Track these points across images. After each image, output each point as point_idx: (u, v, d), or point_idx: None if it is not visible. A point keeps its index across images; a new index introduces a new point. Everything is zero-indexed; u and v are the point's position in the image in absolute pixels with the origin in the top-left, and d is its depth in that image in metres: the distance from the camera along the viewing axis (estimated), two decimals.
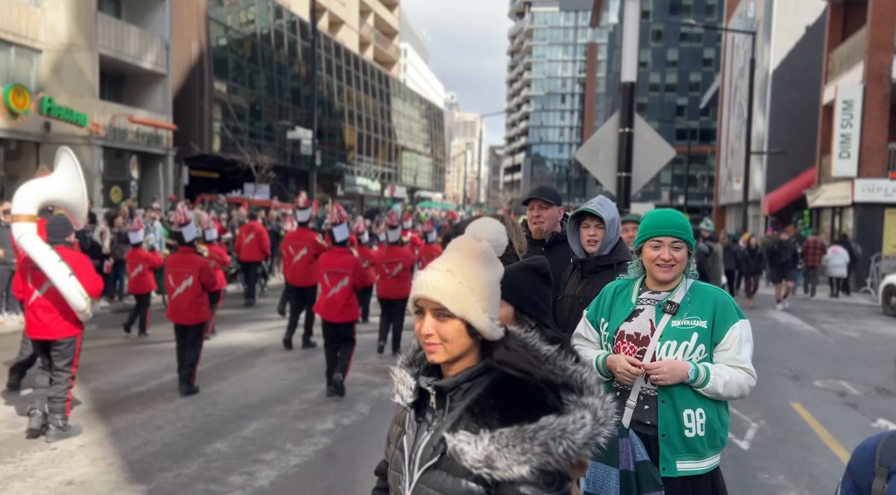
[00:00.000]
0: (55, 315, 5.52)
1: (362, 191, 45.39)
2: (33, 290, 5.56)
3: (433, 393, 1.55)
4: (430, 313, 1.50)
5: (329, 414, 6.44)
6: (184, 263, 7.06)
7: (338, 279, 7.12)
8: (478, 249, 1.56)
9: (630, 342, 2.64)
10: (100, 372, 7.74)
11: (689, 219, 30.35)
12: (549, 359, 1.54)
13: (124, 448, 5.38)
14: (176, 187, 24.74)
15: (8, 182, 19.31)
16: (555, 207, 4.06)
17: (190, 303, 6.96)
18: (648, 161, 7.90)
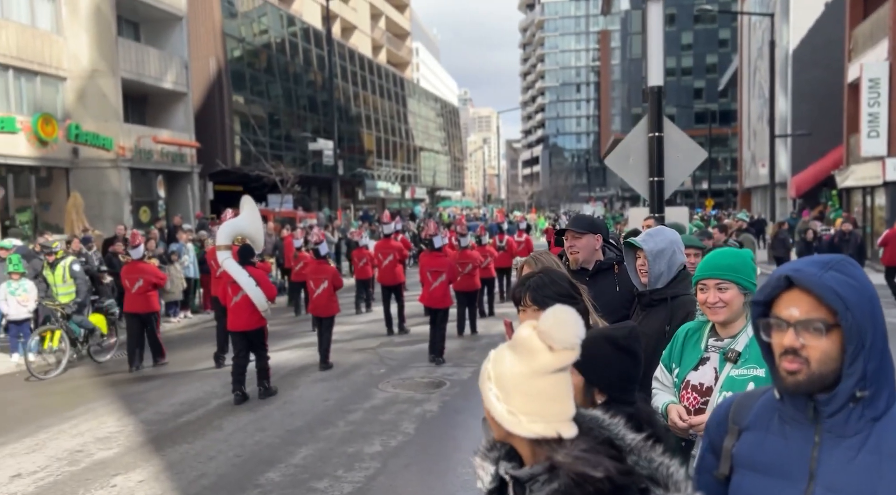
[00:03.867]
0: (248, 313, 7.86)
1: (383, 194, 45.56)
2: (232, 297, 7.93)
3: (510, 482, 1.54)
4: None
5: (375, 436, 6.50)
6: (320, 271, 9.51)
7: (437, 276, 9.69)
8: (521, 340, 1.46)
9: (694, 392, 2.60)
10: (148, 402, 7.89)
11: (714, 203, 29.91)
12: (634, 450, 1.48)
13: (181, 482, 5.49)
14: (202, 203, 25.06)
15: (41, 209, 19.72)
16: (588, 236, 4.03)
17: (326, 301, 9.36)
18: (680, 164, 7.85)
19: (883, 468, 1.40)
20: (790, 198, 31.07)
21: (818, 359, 1.43)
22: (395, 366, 9.46)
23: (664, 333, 3.21)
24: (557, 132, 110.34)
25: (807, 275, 1.44)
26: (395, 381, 8.57)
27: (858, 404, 1.42)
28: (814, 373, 1.43)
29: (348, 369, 9.32)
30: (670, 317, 3.26)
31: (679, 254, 3.39)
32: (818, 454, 1.46)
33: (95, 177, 20.13)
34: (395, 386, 8.32)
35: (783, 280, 1.48)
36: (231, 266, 8.04)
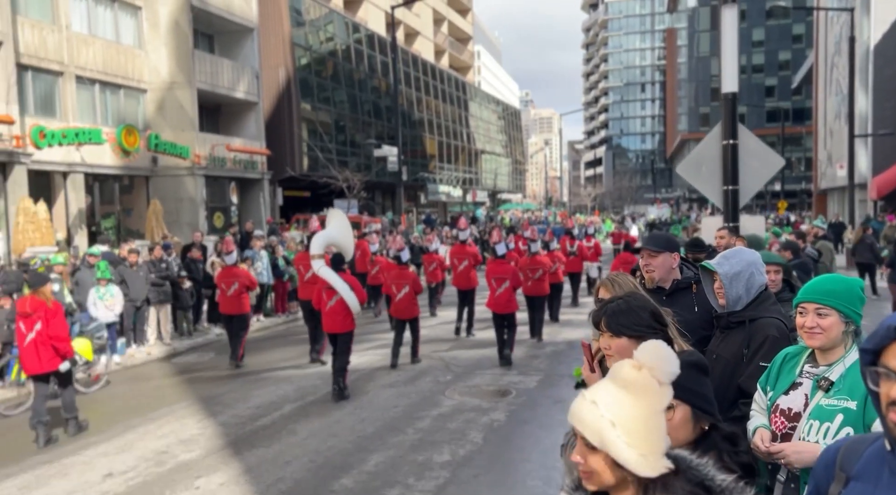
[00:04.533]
0: (342, 317, 8.46)
1: (445, 198, 45.83)
2: (327, 301, 8.52)
3: None
4: (580, 441, 1.49)
5: (444, 444, 6.58)
6: (402, 277, 10.06)
7: (501, 283, 9.98)
8: (632, 380, 1.50)
9: (782, 417, 2.56)
10: (225, 405, 8.22)
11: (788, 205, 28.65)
12: (726, 491, 1.50)
13: (259, 486, 5.71)
14: (272, 209, 25.85)
15: (123, 215, 20.77)
16: (664, 254, 3.98)
17: (408, 304, 9.97)
18: (756, 172, 7.64)
19: None
20: (870, 200, 29.60)
21: None
22: (460, 372, 9.54)
23: (741, 357, 3.15)
24: (621, 133, 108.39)
25: None
26: (462, 389, 8.65)
27: None
28: None
29: (415, 375, 9.46)
30: (748, 340, 3.20)
31: (758, 275, 3.30)
32: None
33: (173, 185, 21.06)
34: (462, 394, 8.39)
35: (893, 330, 1.44)
36: (326, 273, 8.65)
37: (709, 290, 3.45)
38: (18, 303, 7.28)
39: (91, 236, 18.35)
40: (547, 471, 5.84)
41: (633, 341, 2.37)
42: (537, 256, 11.61)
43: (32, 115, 17.02)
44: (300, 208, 28.24)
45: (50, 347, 6.86)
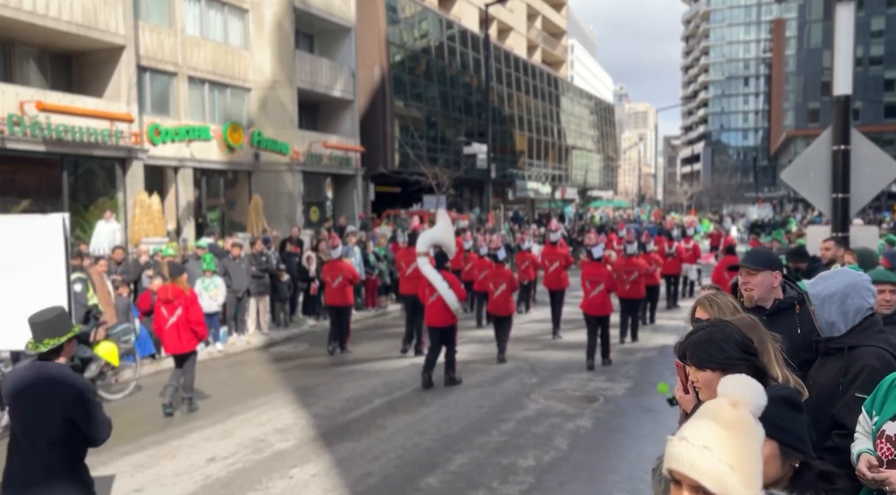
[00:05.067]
0: (442, 312, 9.03)
1: (533, 195, 45.46)
2: (429, 297, 9.17)
3: None
4: (688, 489, 1.47)
5: (529, 449, 6.60)
6: (499, 275, 10.67)
7: (595, 285, 10.05)
8: (736, 419, 1.48)
9: (888, 443, 2.47)
10: (318, 396, 8.57)
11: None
12: None
13: (349, 479, 5.93)
14: (364, 204, 26.53)
15: (227, 208, 21.91)
16: (764, 273, 3.81)
17: (504, 301, 10.49)
18: (869, 179, 7.18)
19: None
20: None
21: None
22: (546, 376, 9.50)
23: (838, 385, 2.99)
24: (721, 128, 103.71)
25: None
26: (547, 393, 8.62)
27: None
28: None
29: (500, 376, 9.50)
30: (846, 368, 3.03)
31: (860, 298, 3.09)
32: None
33: (273, 180, 22.01)
34: (548, 398, 8.36)
35: None
36: (428, 270, 9.26)
37: (812, 312, 3.30)
38: (160, 291, 8.17)
39: (198, 228, 19.48)
40: (634, 484, 5.75)
41: (718, 374, 2.32)
42: (633, 258, 11.59)
43: (149, 114, 18.24)
44: (391, 204, 28.83)
45: (189, 330, 7.80)
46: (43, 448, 3.47)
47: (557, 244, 13.49)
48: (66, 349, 3.67)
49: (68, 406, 3.48)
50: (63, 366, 3.66)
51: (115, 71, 16.83)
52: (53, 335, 3.57)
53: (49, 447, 3.47)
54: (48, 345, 3.55)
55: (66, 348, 3.65)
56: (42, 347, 3.55)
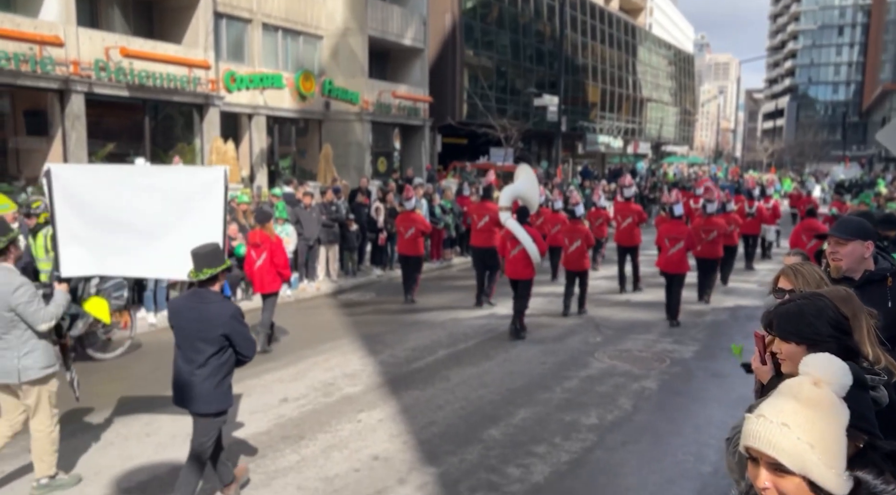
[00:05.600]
0: (523, 265, 9.23)
1: (604, 148, 44.33)
2: (511, 250, 9.34)
3: None
4: (766, 466, 1.46)
5: (592, 408, 6.61)
6: (575, 231, 10.55)
7: (675, 243, 9.96)
8: (818, 398, 1.46)
9: None
10: (384, 344, 8.79)
11: None
12: None
13: (414, 426, 6.11)
14: (431, 156, 26.51)
15: (298, 156, 22.32)
16: (855, 243, 3.63)
17: (579, 256, 10.48)
18: None
19: None
20: None
21: None
22: (610, 335, 9.43)
23: None
24: (809, 81, 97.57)
25: None
26: (612, 352, 8.56)
27: None
28: None
29: (564, 333, 9.49)
30: None
31: None
32: None
33: (342, 129, 22.22)
34: (612, 358, 8.31)
35: None
36: (512, 224, 9.44)
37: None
38: (250, 236, 8.84)
39: (270, 175, 19.97)
40: (699, 447, 5.71)
41: (803, 348, 2.24)
42: (713, 217, 11.37)
43: (225, 61, 18.58)
44: (457, 156, 28.68)
45: (274, 272, 8.35)
46: (204, 359, 4.32)
47: (631, 200, 13.28)
48: (220, 279, 4.46)
49: (225, 325, 4.29)
50: (218, 292, 4.47)
51: (194, 17, 17.15)
52: (211, 265, 4.34)
53: (209, 358, 4.32)
54: (206, 274, 4.32)
55: (219, 278, 4.44)
56: (202, 275, 4.32)
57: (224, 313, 4.32)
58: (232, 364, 4.45)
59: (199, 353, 4.32)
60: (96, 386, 6.78)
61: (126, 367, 7.75)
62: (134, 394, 6.72)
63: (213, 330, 4.28)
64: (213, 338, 4.30)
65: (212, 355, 4.32)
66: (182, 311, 4.41)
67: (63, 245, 5.18)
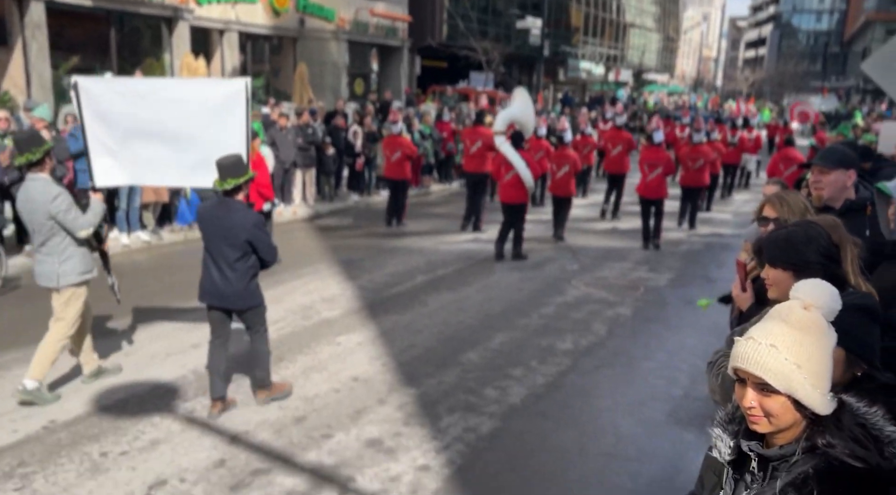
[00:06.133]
0: (517, 191, 9.31)
1: (585, 75, 43.57)
2: (504, 175, 9.32)
3: (755, 460, 1.56)
4: (752, 386, 1.49)
5: (567, 333, 6.74)
6: (563, 157, 10.70)
7: (653, 169, 10.20)
8: (807, 320, 1.48)
9: None
10: (362, 269, 8.78)
11: None
12: (894, 443, 1.46)
13: (393, 349, 6.19)
14: (410, 78, 25.82)
15: (272, 75, 21.58)
16: (837, 171, 3.64)
17: (566, 182, 10.64)
18: None
19: None
20: None
21: None
22: (587, 263, 9.53)
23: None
24: (794, 9, 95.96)
25: None
26: (589, 279, 8.68)
27: None
28: None
29: (542, 261, 9.57)
30: None
31: None
32: None
33: (318, 48, 21.43)
34: (588, 285, 8.43)
35: None
36: (506, 149, 9.44)
37: (882, 215, 3.18)
38: None
39: None
40: (671, 372, 5.88)
41: (790, 274, 2.27)
42: (700, 145, 11.64)
43: None
44: (437, 80, 27.96)
45: (255, 191, 8.08)
46: (232, 262, 4.68)
47: (623, 127, 13.68)
48: (244, 188, 4.79)
49: (249, 230, 4.63)
50: (242, 202, 4.79)
51: None
52: (234, 175, 4.62)
53: (236, 261, 4.68)
54: (231, 184, 4.62)
55: (243, 188, 4.76)
56: (226, 185, 4.62)
57: (248, 221, 4.65)
58: (257, 267, 4.83)
59: (226, 258, 4.68)
60: None
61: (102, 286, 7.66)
62: (110, 314, 6.68)
63: (237, 237, 4.62)
64: (238, 244, 4.64)
65: (238, 259, 4.68)
66: (209, 219, 4.74)
67: (95, 156, 5.34)
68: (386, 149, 11.49)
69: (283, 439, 4.56)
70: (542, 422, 4.93)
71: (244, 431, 4.64)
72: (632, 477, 4.23)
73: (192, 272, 8.37)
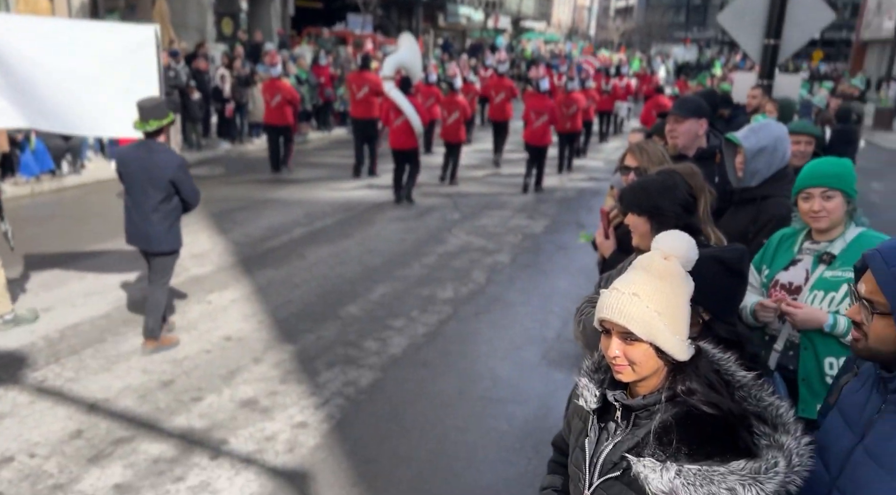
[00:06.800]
0: (406, 136, 9.43)
1: (465, 21, 43.26)
2: (394, 120, 9.39)
3: (619, 410, 1.59)
4: (617, 336, 1.51)
5: (448, 282, 6.80)
6: (453, 103, 10.94)
7: (539, 116, 10.60)
8: (667, 270, 1.53)
9: (783, 291, 2.66)
10: (235, 223, 8.37)
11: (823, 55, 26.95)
12: (744, 387, 1.53)
13: (269, 305, 5.97)
14: (283, 19, 24.49)
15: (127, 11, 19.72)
16: (691, 120, 3.84)
17: (456, 128, 10.90)
18: (801, 26, 7.16)
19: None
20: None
21: (874, 337, 1.50)
22: (468, 213, 9.61)
23: (747, 234, 3.15)
24: None
25: (878, 262, 1.48)
26: (469, 228, 8.77)
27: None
28: (870, 348, 1.52)
29: (423, 211, 9.54)
30: (756, 217, 3.19)
31: (782, 151, 3.22)
32: (876, 420, 1.53)
33: None
34: (468, 234, 8.52)
35: (865, 259, 1.54)
36: (395, 94, 9.44)
37: (729, 164, 3.38)
38: None
39: None
40: (545, 315, 6.09)
41: (643, 219, 2.35)
42: (573, 93, 12.14)
43: None
44: (312, 21, 26.69)
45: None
46: (155, 204, 4.70)
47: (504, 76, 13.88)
48: (165, 131, 4.80)
49: (174, 171, 4.65)
50: (164, 143, 4.77)
51: None
52: (157, 117, 4.64)
53: (159, 203, 4.71)
54: (153, 126, 4.62)
55: (164, 130, 4.76)
56: (148, 127, 4.62)
57: (172, 162, 4.66)
58: (179, 210, 4.85)
59: (148, 199, 4.68)
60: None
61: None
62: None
63: (161, 178, 4.63)
64: (161, 186, 4.66)
65: (161, 201, 4.70)
66: (130, 160, 4.68)
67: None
68: (265, 93, 11.06)
69: (148, 404, 4.31)
70: (422, 371, 4.96)
71: (104, 399, 4.34)
72: (507, 419, 4.37)
73: (43, 227, 7.64)
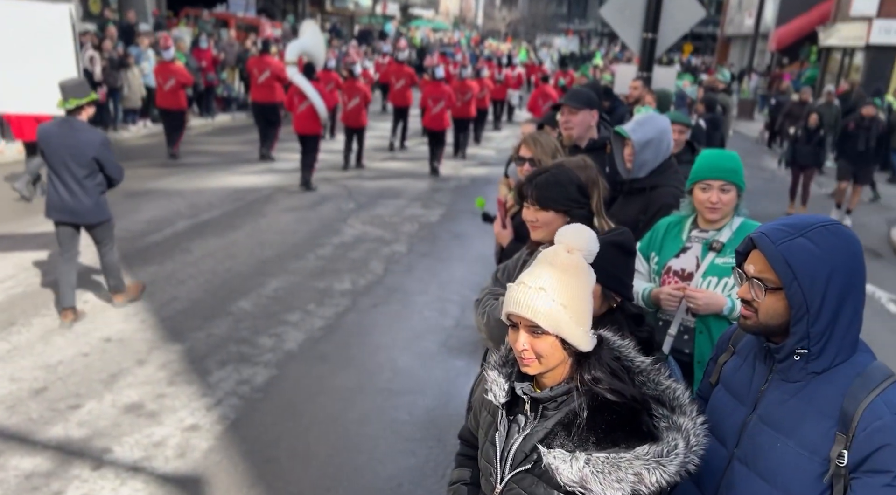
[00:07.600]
0: (310, 120, 9.57)
1: (353, 7, 42.52)
2: (298, 106, 9.53)
3: (527, 402, 1.61)
4: (525, 329, 1.53)
5: (345, 273, 6.68)
6: (354, 89, 10.97)
7: (437, 102, 11.26)
8: (570, 263, 1.56)
9: (676, 277, 2.79)
10: None
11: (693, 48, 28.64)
12: (643, 372, 1.59)
13: (153, 304, 5.63)
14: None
15: None
16: (584, 112, 3.96)
17: (357, 113, 10.96)
18: (675, 21, 7.57)
19: (807, 415, 1.56)
20: (770, 52, 30.40)
21: (764, 312, 1.60)
22: (364, 202, 9.50)
23: (637, 223, 3.29)
24: None
25: (765, 242, 1.57)
26: (364, 218, 8.66)
27: (802, 358, 1.57)
28: (761, 323, 1.62)
29: (317, 201, 9.33)
30: (646, 207, 3.33)
31: (667, 143, 3.39)
32: (765, 389, 1.65)
33: None
34: (364, 224, 8.42)
35: (751, 241, 1.62)
36: (299, 79, 9.61)
37: (618, 155, 3.50)
38: None
39: None
40: (443, 303, 6.12)
41: (559, 215, 2.38)
42: (468, 80, 12.79)
43: None
44: (191, 2, 25.33)
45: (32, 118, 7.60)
46: (80, 179, 4.88)
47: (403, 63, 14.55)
48: (86, 110, 4.93)
49: (97, 149, 4.85)
50: (85, 121, 4.92)
51: None
52: (77, 96, 4.81)
53: (84, 178, 4.90)
54: (73, 104, 4.80)
55: (85, 109, 4.91)
56: (69, 105, 4.80)
57: (95, 140, 4.85)
58: (104, 185, 5.06)
59: (73, 175, 4.84)
60: None
61: None
62: None
63: (84, 155, 4.80)
64: (84, 163, 4.83)
65: (86, 176, 4.88)
66: (52, 137, 4.79)
67: None
68: (158, 76, 10.88)
69: (18, 416, 3.95)
70: (320, 366, 4.85)
71: None
72: (408, 409, 4.36)
73: None
